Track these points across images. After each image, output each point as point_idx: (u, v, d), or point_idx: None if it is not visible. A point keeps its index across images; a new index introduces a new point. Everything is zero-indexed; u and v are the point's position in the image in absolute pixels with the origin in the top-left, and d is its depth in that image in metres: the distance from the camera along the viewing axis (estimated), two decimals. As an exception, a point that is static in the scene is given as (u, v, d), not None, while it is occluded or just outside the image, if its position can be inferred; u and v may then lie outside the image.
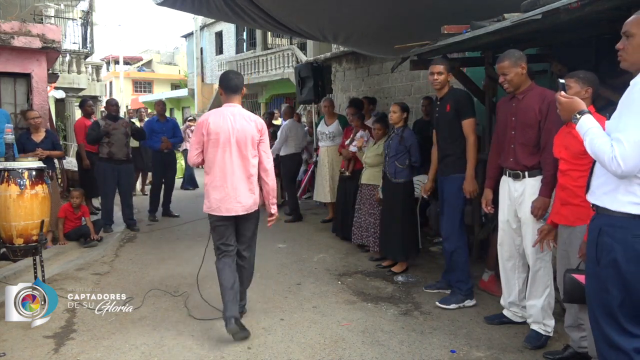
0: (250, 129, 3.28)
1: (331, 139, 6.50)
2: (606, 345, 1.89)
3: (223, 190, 3.24)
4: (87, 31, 14.56)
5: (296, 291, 4.15)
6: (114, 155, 6.09)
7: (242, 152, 3.26)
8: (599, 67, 4.39)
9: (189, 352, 3.05)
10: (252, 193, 3.32)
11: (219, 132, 3.22)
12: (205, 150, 3.28)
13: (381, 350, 3.05)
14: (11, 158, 4.05)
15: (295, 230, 6.50)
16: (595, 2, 2.67)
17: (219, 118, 3.27)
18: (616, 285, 1.82)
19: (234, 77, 3.41)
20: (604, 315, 1.88)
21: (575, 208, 2.60)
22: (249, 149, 3.27)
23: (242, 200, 3.27)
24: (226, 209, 3.25)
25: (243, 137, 3.25)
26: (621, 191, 1.82)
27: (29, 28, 6.20)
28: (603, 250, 1.86)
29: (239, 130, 3.24)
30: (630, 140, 1.72)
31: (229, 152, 3.23)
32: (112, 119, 6.21)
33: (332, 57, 10.08)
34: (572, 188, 2.60)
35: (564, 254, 2.78)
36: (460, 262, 3.79)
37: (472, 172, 3.68)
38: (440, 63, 3.79)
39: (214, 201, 3.26)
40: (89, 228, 5.65)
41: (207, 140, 3.24)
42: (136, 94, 32.47)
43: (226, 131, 3.23)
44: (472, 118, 3.72)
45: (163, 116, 7.54)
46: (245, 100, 20.52)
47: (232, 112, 3.30)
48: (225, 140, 3.22)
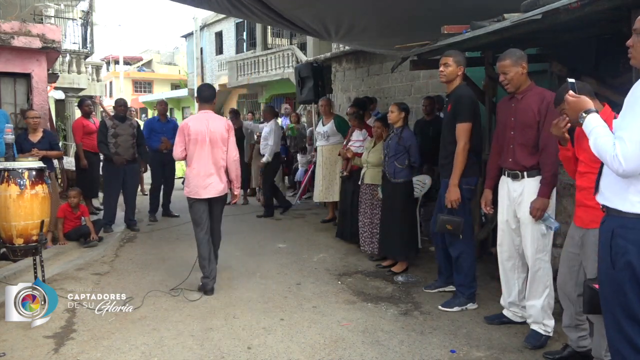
0: (220, 129, 4.14)
1: (325, 138, 6.51)
2: (630, 348, 1.83)
3: (200, 178, 4.08)
4: (87, 31, 14.56)
5: (296, 291, 4.15)
6: (120, 156, 6.09)
7: (214, 148, 4.11)
8: (598, 67, 4.41)
9: (189, 352, 3.05)
10: (221, 181, 4.17)
11: (197, 133, 4.07)
12: (187, 147, 4.11)
13: (381, 350, 3.05)
14: (11, 158, 4.05)
15: (295, 230, 6.50)
16: (595, 2, 2.67)
17: (196, 122, 4.14)
18: (633, 287, 1.79)
19: (207, 89, 4.31)
20: (626, 318, 1.83)
21: (590, 210, 2.57)
22: (219, 145, 4.13)
23: (214, 186, 4.12)
24: (202, 192, 4.09)
25: (214, 136, 4.10)
26: (632, 191, 1.80)
27: (29, 28, 6.20)
28: (617, 253, 1.83)
29: (211, 131, 4.09)
30: (632, 139, 1.71)
31: (205, 148, 4.08)
32: (119, 120, 6.20)
33: (332, 57, 10.08)
34: (589, 189, 2.57)
35: (571, 256, 2.72)
36: (466, 267, 3.71)
37: (456, 181, 3.54)
38: (449, 55, 3.61)
39: (193, 187, 4.11)
40: (88, 228, 5.64)
41: (189, 140, 4.08)
42: (136, 94, 32.47)
43: (202, 132, 4.07)
44: (468, 123, 3.50)
45: (164, 116, 7.51)
46: (245, 100, 20.58)
47: (207, 117, 4.15)
48: (202, 139, 4.07)
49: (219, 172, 4.13)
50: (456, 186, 3.54)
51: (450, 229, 3.60)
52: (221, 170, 4.16)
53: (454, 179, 3.54)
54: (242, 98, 21.09)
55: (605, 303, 1.95)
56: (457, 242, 3.69)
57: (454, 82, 3.62)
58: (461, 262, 3.72)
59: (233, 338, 3.23)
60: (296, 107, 12.93)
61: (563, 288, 2.81)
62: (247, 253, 5.37)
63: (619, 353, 1.89)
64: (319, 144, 6.65)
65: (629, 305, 1.82)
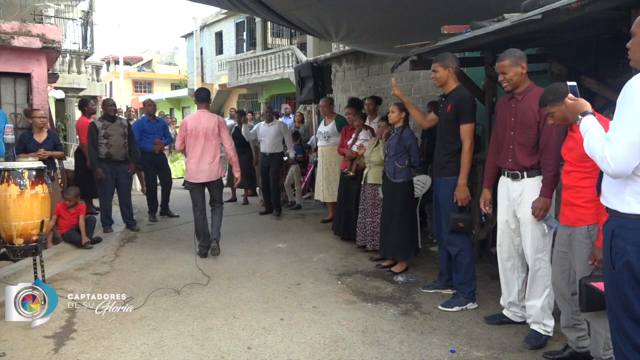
0: (212, 125, 5.10)
1: (326, 138, 6.51)
2: (633, 349, 1.84)
3: (196, 165, 5.08)
4: (87, 31, 14.56)
5: (296, 291, 4.15)
6: (112, 156, 6.06)
7: (207, 141, 5.07)
8: (598, 67, 4.41)
9: (189, 352, 3.05)
10: (214, 167, 5.12)
11: (193, 129, 5.06)
12: (186, 141, 5.09)
13: (381, 350, 3.05)
14: (11, 158, 4.05)
15: (295, 230, 6.51)
16: (595, 2, 2.67)
17: (193, 120, 5.13)
18: (633, 287, 1.80)
19: (202, 92, 5.37)
20: (628, 318, 1.84)
21: (576, 208, 2.59)
22: (211, 138, 5.08)
23: (207, 172, 5.09)
24: (198, 177, 5.11)
25: (207, 131, 5.07)
26: (628, 192, 1.81)
27: (29, 28, 6.19)
28: (617, 253, 1.84)
29: (205, 127, 5.07)
30: (619, 140, 1.74)
31: (200, 141, 5.05)
32: (109, 120, 6.15)
33: (332, 57, 10.08)
34: (575, 188, 2.59)
35: (561, 255, 2.76)
36: (464, 265, 3.71)
37: (464, 180, 3.60)
38: (436, 60, 3.73)
39: (191, 172, 5.14)
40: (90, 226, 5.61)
41: (187, 135, 5.08)
42: (136, 94, 32.47)
43: (198, 128, 5.06)
44: (471, 124, 3.62)
45: (153, 116, 7.50)
46: (245, 101, 20.58)
47: (201, 115, 5.16)
48: (198, 134, 5.05)
49: (211, 161, 5.08)
50: (465, 185, 3.60)
51: (463, 227, 3.65)
52: (214, 159, 5.10)
53: (462, 178, 3.61)
54: (242, 98, 21.09)
55: (609, 303, 1.96)
56: (455, 239, 3.71)
57: (448, 83, 3.72)
58: (460, 260, 3.73)
59: (233, 338, 3.23)
60: (296, 107, 12.93)
61: (557, 287, 2.83)
62: (247, 253, 5.37)
63: (621, 353, 1.89)
64: (320, 144, 6.65)
65: (630, 305, 1.82)
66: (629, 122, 1.73)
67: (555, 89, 2.66)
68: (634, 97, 1.73)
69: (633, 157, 1.73)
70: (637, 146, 1.72)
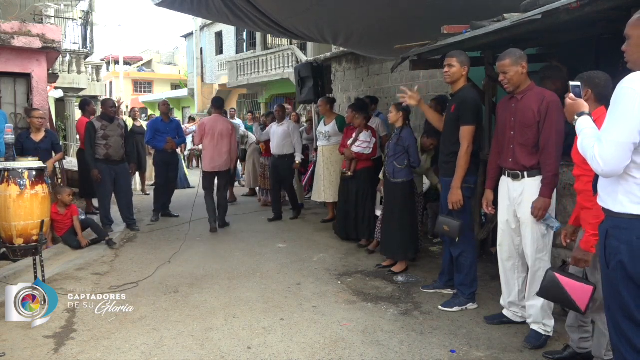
0: (226, 128, 6.48)
1: (327, 138, 6.49)
2: (630, 349, 1.85)
3: (211, 158, 6.42)
4: (87, 31, 14.56)
5: (296, 291, 4.15)
6: (111, 157, 6.04)
7: (220, 140, 6.40)
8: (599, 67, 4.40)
9: (189, 352, 3.05)
10: (226, 161, 6.48)
11: (210, 129, 6.38)
12: (204, 139, 6.40)
13: (381, 350, 3.05)
14: (11, 158, 4.05)
15: (295, 230, 6.51)
16: (595, 2, 2.67)
17: (211, 122, 6.48)
18: (628, 287, 1.81)
19: (218, 101, 6.83)
20: (624, 318, 1.85)
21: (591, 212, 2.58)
22: (224, 138, 6.42)
23: (218, 164, 6.44)
24: (212, 167, 6.45)
25: (223, 132, 6.42)
26: (621, 192, 1.83)
27: (29, 28, 6.20)
28: (611, 253, 1.85)
29: (221, 129, 6.42)
30: (609, 140, 1.76)
31: (215, 140, 6.37)
32: (108, 120, 6.09)
33: (332, 57, 10.08)
34: (585, 192, 2.59)
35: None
36: (466, 266, 3.71)
37: (458, 183, 3.55)
38: (453, 55, 3.61)
39: (207, 163, 6.47)
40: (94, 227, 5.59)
41: (205, 134, 6.39)
42: (136, 94, 32.49)
43: (214, 129, 6.39)
44: (472, 126, 3.52)
45: (167, 116, 7.47)
46: (245, 100, 20.59)
47: (218, 119, 6.54)
48: (214, 134, 6.37)
49: (222, 156, 6.40)
50: (458, 188, 3.55)
51: (447, 231, 3.62)
52: (224, 154, 6.42)
53: (457, 182, 3.55)
54: (242, 98, 21.11)
55: (606, 303, 1.97)
56: (459, 241, 3.69)
57: (458, 82, 3.63)
58: (462, 261, 3.72)
59: (233, 338, 3.23)
60: (296, 107, 12.93)
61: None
62: (247, 253, 5.37)
63: (619, 353, 1.91)
64: (320, 143, 6.63)
65: (625, 305, 1.83)
66: (619, 122, 1.75)
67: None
68: (624, 98, 1.74)
69: (622, 156, 1.75)
70: (626, 146, 1.74)
